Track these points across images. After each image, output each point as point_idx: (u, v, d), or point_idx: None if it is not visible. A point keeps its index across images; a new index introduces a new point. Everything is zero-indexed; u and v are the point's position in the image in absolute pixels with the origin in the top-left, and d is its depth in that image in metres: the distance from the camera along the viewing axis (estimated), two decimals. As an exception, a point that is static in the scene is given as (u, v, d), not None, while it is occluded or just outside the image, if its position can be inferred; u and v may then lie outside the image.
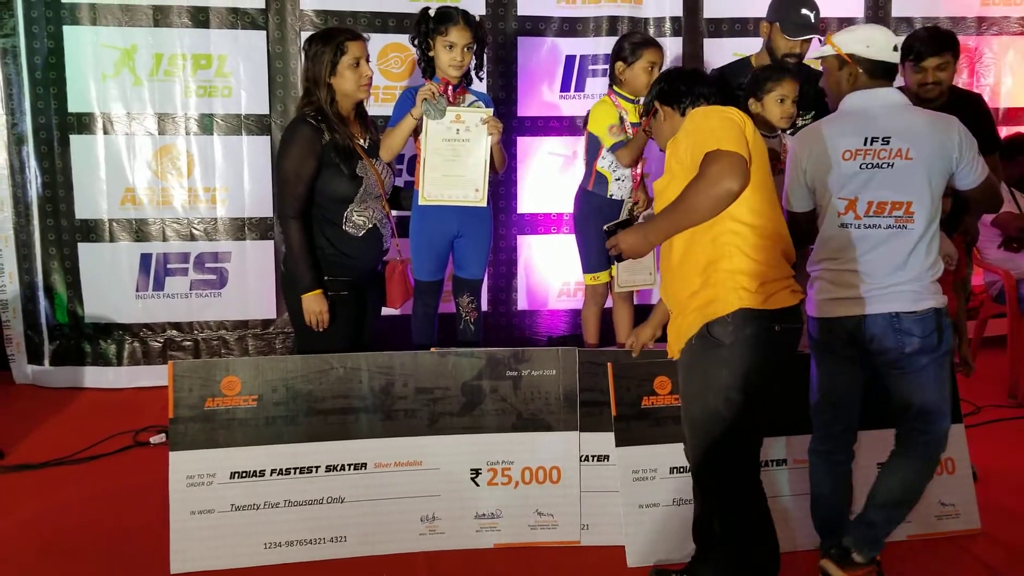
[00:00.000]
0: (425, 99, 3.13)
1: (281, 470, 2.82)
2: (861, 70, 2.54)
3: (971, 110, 3.56)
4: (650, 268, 3.66)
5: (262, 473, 2.81)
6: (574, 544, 2.91)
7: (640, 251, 2.30)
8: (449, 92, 3.24)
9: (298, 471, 2.83)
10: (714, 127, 2.19)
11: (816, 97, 3.40)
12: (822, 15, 4.61)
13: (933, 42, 3.29)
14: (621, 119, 3.51)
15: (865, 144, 2.46)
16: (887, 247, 2.45)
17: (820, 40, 3.29)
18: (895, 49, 2.53)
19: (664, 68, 3.41)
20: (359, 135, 3.08)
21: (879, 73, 2.54)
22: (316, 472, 2.84)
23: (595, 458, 2.94)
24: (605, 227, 2.53)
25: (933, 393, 2.49)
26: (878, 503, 2.56)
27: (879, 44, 2.52)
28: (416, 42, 3.31)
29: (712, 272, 2.23)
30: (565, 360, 2.98)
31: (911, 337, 2.43)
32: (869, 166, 2.45)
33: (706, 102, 2.42)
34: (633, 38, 3.59)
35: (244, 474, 2.80)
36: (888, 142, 2.44)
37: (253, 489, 2.79)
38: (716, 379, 2.23)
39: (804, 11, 3.42)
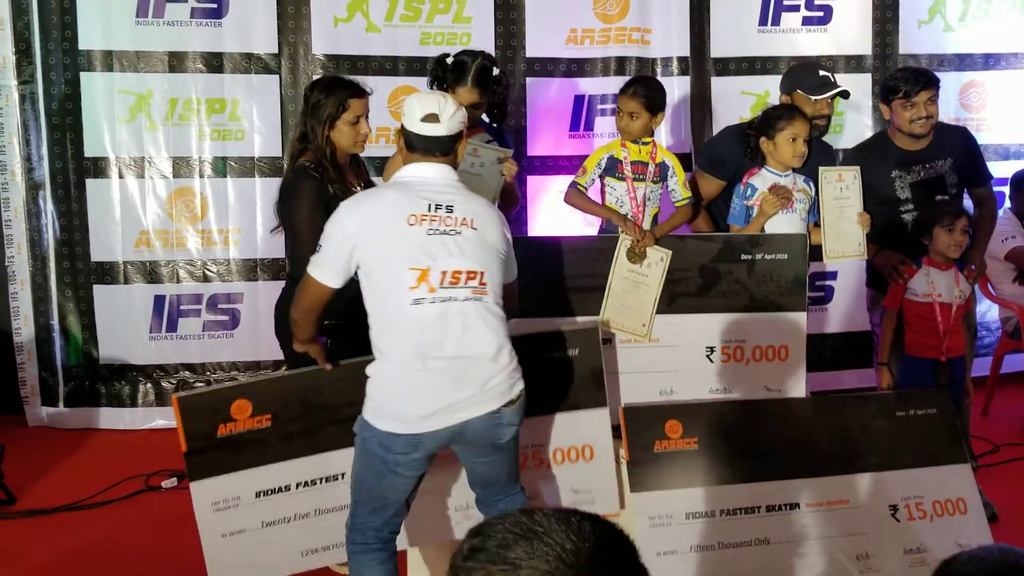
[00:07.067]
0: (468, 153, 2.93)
1: (307, 482, 2.77)
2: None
3: (959, 143, 3.58)
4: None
5: (288, 488, 2.76)
6: (615, 516, 2.82)
7: None
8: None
9: (324, 480, 2.79)
10: None
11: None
12: (831, 53, 4.70)
13: (921, 77, 3.38)
14: (616, 160, 3.39)
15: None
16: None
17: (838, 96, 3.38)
18: (424, 120, 2.35)
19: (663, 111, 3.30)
20: (355, 183, 3.09)
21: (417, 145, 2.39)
22: (343, 479, 2.76)
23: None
24: None
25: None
26: None
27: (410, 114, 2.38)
28: (432, 87, 3.33)
29: None
30: (587, 339, 2.93)
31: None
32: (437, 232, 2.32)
33: None
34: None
35: (270, 492, 2.75)
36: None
37: (281, 504, 2.75)
38: None
39: (822, 72, 3.42)
